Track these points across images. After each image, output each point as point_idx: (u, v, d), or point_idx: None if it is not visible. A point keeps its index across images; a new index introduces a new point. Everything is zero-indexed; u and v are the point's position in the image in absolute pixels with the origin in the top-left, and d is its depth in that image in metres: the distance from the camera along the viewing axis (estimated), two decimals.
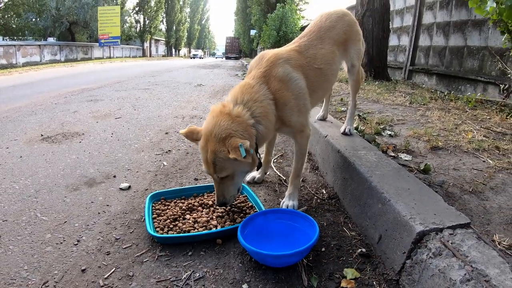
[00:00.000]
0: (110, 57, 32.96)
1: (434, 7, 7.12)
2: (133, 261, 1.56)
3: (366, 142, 2.53)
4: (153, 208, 1.98)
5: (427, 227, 1.33)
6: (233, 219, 1.85)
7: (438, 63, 6.97)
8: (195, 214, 1.91)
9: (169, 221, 1.83)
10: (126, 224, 1.88)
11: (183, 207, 1.97)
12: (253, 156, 1.70)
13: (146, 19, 44.89)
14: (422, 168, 2.18)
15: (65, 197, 2.20)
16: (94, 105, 5.61)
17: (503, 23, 3.82)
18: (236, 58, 48.83)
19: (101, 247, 1.66)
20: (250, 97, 1.74)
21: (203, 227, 1.77)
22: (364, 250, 1.61)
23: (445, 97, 5.04)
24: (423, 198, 1.57)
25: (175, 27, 57.74)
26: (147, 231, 1.73)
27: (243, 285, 1.42)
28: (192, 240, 1.70)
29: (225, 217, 1.86)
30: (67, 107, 5.40)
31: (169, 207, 2.00)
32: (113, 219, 1.93)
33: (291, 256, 1.46)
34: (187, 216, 1.88)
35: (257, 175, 2.44)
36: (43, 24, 28.43)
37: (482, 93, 5.36)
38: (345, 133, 2.69)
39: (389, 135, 2.97)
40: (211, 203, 2.03)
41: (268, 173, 2.58)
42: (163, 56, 55.57)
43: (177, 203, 2.05)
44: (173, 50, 62.92)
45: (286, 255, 1.45)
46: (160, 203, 2.05)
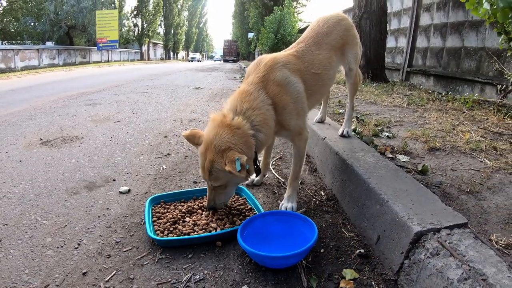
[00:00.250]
0: (108, 61, 32.95)
1: (431, 8, 7.16)
2: (133, 264, 1.57)
3: (364, 144, 2.54)
4: (153, 211, 1.99)
5: (425, 227, 1.34)
6: (232, 222, 1.86)
7: (435, 64, 7.00)
8: (194, 216, 1.92)
9: (169, 224, 1.84)
10: (126, 227, 1.89)
11: (183, 210, 1.98)
12: (249, 169, 1.72)
13: (144, 23, 44.89)
14: (419, 169, 2.20)
15: (65, 201, 2.21)
16: (93, 109, 5.61)
17: (500, 24, 3.85)
18: (234, 61, 48.90)
19: (102, 250, 1.67)
20: (249, 106, 1.75)
21: (203, 230, 1.78)
22: (362, 250, 1.63)
23: (443, 98, 5.07)
24: (421, 198, 1.59)
25: (173, 31, 57.74)
26: (147, 234, 1.74)
27: (243, 286, 1.43)
28: (192, 242, 1.71)
29: (224, 220, 1.87)
30: (66, 111, 5.41)
31: (169, 210, 2.01)
32: (113, 223, 1.94)
33: (290, 257, 1.47)
34: (187, 218, 1.89)
35: (256, 178, 2.45)
36: (41, 28, 28.42)
37: (479, 94, 5.39)
38: (343, 135, 2.70)
39: (387, 136, 2.98)
40: None
41: (267, 176, 2.59)
42: (161, 59, 55.54)
43: (176, 206, 2.06)
44: (171, 53, 62.90)
45: (285, 256, 1.46)
46: (160, 206, 2.06)
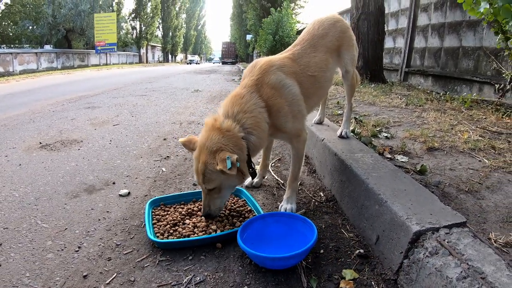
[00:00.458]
0: (106, 64, 32.97)
1: (428, 8, 7.18)
2: (134, 267, 1.57)
3: (362, 144, 2.55)
4: (153, 213, 2.00)
5: (424, 227, 1.35)
6: (232, 223, 1.87)
7: (433, 64, 7.02)
8: (194, 219, 1.92)
9: (169, 226, 1.84)
10: (126, 230, 1.89)
11: (183, 212, 1.98)
12: (242, 169, 1.73)
13: (142, 26, 44.95)
14: (418, 169, 2.21)
15: (65, 204, 2.21)
16: (91, 112, 5.62)
17: (497, 23, 3.87)
18: (232, 63, 48.96)
19: (102, 253, 1.68)
20: (239, 109, 1.76)
21: (203, 232, 1.78)
22: (362, 251, 1.63)
23: (441, 98, 5.08)
24: (419, 198, 1.60)
25: (171, 33, 57.79)
26: (148, 237, 1.75)
27: (244, 287, 1.44)
28: (192, 244, 1.72)
29: (224, 221, 1.88)
30: (65, 114, 5.41)
31: (169, 212, 2.02)
32: (114, 225, 1.94)
33: (289, 258, 1.47)
34: (187, 221, 1.90)
35: (255, 180, 2.45)
36: (39, 31, 28.47)
37: (477, 93, 5.41)
38: (341, 136, 2.71)
39: (386, 137, 2.99)
40: None
41: (266, 177, 2.60)
42: (160, 62, 55.60)
43: (176, 209, 2.06)
44: (170, 56, 62.98)
45: (284, 257, 1.47)
46: (159, 208, 2.06)
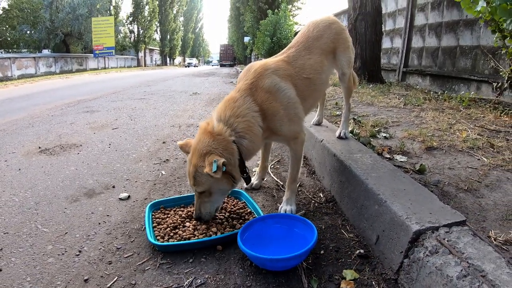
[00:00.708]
0: (105, 68, 32.98)
1: (425, 8, 7.21)
2: (135, 270, 1.57)
3: (361, 145, 2.56)
4: (153, 217, 2.00)
5: (423, 226, 1.36)
6: (232, 225, 1.87)
7: (431, 64, 7.04)
8: (194, 221, 1.92)
9: (169, 229, 1.84)
10: (126, 233, 1.90)
11: (183, 215, 1.98)
12: (232, 173, 1.74)
13: (140, 29, 44.98)
14: (417, 168, 2.21)
15: (65, 208, 2.21)
16: (90, 116, 5.62)
17: (494, 22, 3.88)
18: (230, 65, 49.00)
19: (103, 256, 1.68)
20: (232, 113, 1.76)
21: (203, 234, 1.78)
22: (362, 251, 1.63)
23: (439, 97, 5.09)
24: (419, 198, 1.60)
25: (169, 36, 57.81)
26: (148, 240, 1.75)
27: None
28: (192, 247, 1.72)
29: (224, 224, 1.88)
30: (64, 118, 5.41)
31: (169, 215, 2.02)
32: (114, 229, 1.94)
33: (289, 259, 1.47)
34: (187, 223, 1.90)
35: (254, 181, 2.46)
36: (37, 36, 28.45)
37: (475, 92, 5.42)
38: (340, 137, 2.71)
39: (384, 137, 3.00)
40: None
41: (265, 179, 2.60)
42: (158, 65, 55.61)
43: (176, 211, 2.06)
44: (168, 59, 63.01)
45: (284, 258, 1.47)
46: (159, 211, 2.07)
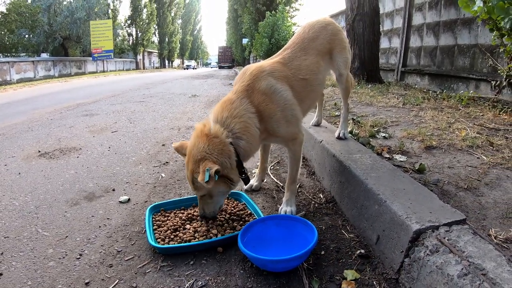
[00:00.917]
0: (103, 71, 32.97)
1: (423, 8, 7.22)
2: (136, 273, 1.57)
3: (360, 145, 2.56)
4: (153, 219, 1.99)
5: (423, 225, 1.36)
6: (233, 227, 1.87)
7: (429, 63, 7.05)
8: (195, 223, 1.92)
9: (169, 231, 1.84)
10: (127, 236, 1.89)
11: (183, 217, 1.98)
12: (229, 176, 1.73)
13: (138, 32, 45.05)
14: (417, 168, 2.21)
15: (66, 212, 2.21)
16: (90, 119, 5.62)
17: (492, 20, 3.89)
18: (229, 67, 49.03)
19: (104, 260, 1.68)
20: (229, 114, 1.76)
21: (204, 236, 1.78)
22: (363, 251, 1.64)
23: (438, 97, 5.10)
24: (419, 197, 1.60)
25: (167, 39, 57.90)
26: (149, 242, 1.75)
27: None
28: (193, 249, 1.72)
29: (225, 225, 1.88)
30: (63, 122, 5.41)
31: (169, 217, 2.02)
32: (114, 232, 1.94)
33: (290, 260, 1.47)
34: (187, 226, 1.90)
35: (254, 183, 2.46)
36: (36, 40, 28.49)
37: (474, 91, 5.43)
38: (339, 138, 2.71)
39: (384, 137, 3.00)
40: None
41: (265, 181, 2.60)
42: (157, 68, 55.64)
43: (177, 214, 2.06)
44: (166, 61, 63.06)
45: (285, 259, 1.47)
46: (160, 214, 2.06)
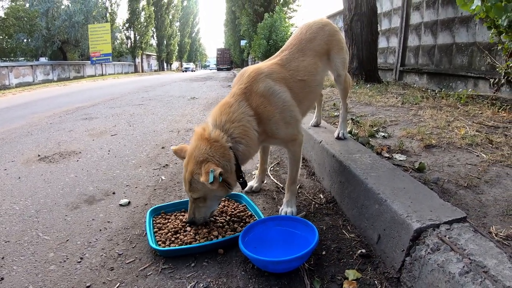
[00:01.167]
0: (102, 74, 33.02)
1: (420, 7, 7.24)
2: (137, 275, 1.57)
3: (360, 145, 2.56)
4: (154, 222, 1.99)
5: (424, 223, 1.36)
6: (233, 229, 1.87)
7: (428, 62, 7.06)
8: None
9: (170, 234, 1.84)
10: (128, 239, 1.89)
11: (184, 220, 1.98)
12: (228, 180, 1.74)
13: (136, 35, 45.07)
14: (416, 167, 2.21)
15: (66, 215, 2.21)
16: (89, 123, 5.62)
17: (490, 18, 3.89)
18: (227, 69, 49.08)
19: (105, 263, 1.67)
20: (227, 118, 1.76)
21: (204, 238, 1.78)
22: (364, 250, 1.63)
23: (437, 95, 5.10)
24: (419, 196, 1.60)
25: (165, 42, 57.92)
26: (149, 245, 1.75)
27: None
28: (194, 251, 1.72)
29: (225, 227, 1.88)
30: (62, 126, 5.41)
31: (170, 220, 2.01)
32: (115, 235, 1.94)
33: (291, 261, 1.47)
34: (188, 228, 1.89)
35: (254, 184, 2.46)
36: (34, 44, 28.50)
37: (473, 89, 5.44)
38: (339, 138, 2.71)
39: (383, 136, 3.00)
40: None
41: (265, 182, 2.60)
42: (155, 71, 55.66)
43: (177, 216, 2.06)
44: (165, 64, 63.09)
45: (286, 260, 1.47)
46: (160, 217, 2.06)
